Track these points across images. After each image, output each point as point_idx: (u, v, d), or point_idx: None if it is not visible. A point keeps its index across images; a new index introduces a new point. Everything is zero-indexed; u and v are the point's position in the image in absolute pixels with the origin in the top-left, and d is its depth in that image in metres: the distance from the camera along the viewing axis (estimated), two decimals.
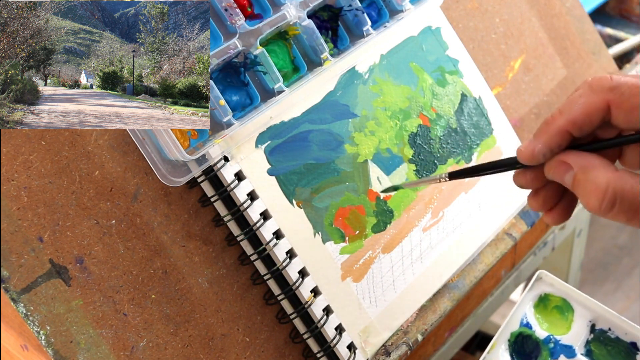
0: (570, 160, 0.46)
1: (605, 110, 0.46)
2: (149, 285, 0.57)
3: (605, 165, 0.45)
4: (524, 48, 0.83)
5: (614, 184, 0.44)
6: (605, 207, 0.44)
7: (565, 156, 0.47)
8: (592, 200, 0.45)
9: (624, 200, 0.44)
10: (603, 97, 0.45)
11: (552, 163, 0.47)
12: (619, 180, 0.44)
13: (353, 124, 0.66)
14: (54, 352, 0.53)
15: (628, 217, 0.44)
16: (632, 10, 1.36)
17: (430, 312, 0.69)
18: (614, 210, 0.44)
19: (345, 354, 0.63)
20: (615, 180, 0.44)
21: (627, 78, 0.45)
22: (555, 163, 0.47)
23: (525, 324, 0.68)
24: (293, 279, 0.61)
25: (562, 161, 0.47)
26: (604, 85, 0.46)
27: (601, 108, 0.46)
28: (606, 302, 0.70)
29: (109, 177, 0.56)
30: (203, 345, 0.59)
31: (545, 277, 0.69)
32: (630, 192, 0.43)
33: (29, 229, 0.53)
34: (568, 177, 0.46)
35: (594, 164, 0.45)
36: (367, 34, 0.65)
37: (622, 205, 0.44)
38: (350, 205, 0.65)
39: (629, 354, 0.67)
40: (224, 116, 0.57)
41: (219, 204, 0.59)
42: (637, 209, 0.44)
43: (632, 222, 0.44)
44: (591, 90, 0.46)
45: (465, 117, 0.73)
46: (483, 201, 0.74)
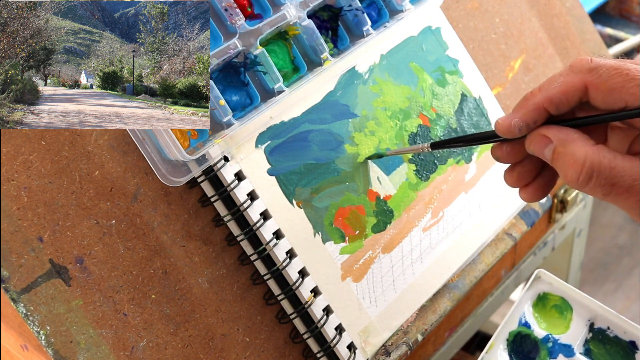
0: (550, 134, 0.47)
1: (583, 90, 0.47)
2: (149, 285, 0.57)
3: (584, 139, 0.46)
4: (524, 48, 0.83)
5: (592, 157, 0.45)
6: (582, 180, 0.45)
7: (546, 130, 0.48)
8: (570, 172, 0.45)
9: (600, 173, 0.44)
10: (582, 78, 0.46)
11: (533, 136, 0.48)
12: (597, 154, 0.45)
13: (353, 124, 0.66)
14: (54, 352, 0.53)
15: (604, 192, 0.45)
16: (632, 10, 1.36)
17: (430, 312, 0.69)
18: (590, 184, 0.45)
19: (345, 354, 0.63)
20: (592, 153, 0.45)
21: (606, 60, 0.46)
22: (536, 136, 0.48)
23: (524, 323, 0.68)
24: (293, 279, 0.61)
25: (543, 135, 0.48)
26: (583, 66, 0.47)
27: (579, 88, 0.47)
28: (606, 302, 0.70)
29: (109, 177, 0.56)
30: (203, 345, 0.59)
31: (544, 276, 0.69)
32: (607, 166, 0.44)
33: (29, 229, 0.53)
34: (548, 150, 0.47)
35: (573, 138, 0.46)
36: (367, 34, 0.65)
37: (599, 179, 0.45)
38: (350, 205, 0.65)
39: (628, 353, 0.67)
40: (224, 116, 0.57)
41: (219, 204, 0.59)
42: (613, 184, 0.44)
43: (609, 197, 0.45)
44: (571, 70, 0.47)
45: (465, 117, 0.73)
46: (483, 201, 0.74)
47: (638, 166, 0.44)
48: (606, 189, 0.45)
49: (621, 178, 0.44)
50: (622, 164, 0.44)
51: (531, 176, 0.52)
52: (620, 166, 0.44)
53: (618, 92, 0.45)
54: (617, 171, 0.44)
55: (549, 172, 0.52)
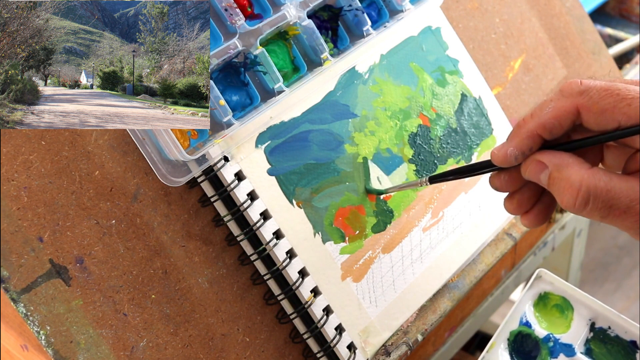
0: (545, 160, 0.47)
1: (575, 114, 0.47)
2: (149, 285, 0.57)
3: (579, 163, 0.46)
4: (524, 48, 0.83)
5: (587, 182, 0.45)
6: (579, 205, 0.45)
7: (541, 155, 0.48)
8: (566, 197, 0.45)
9: (597, 197, 0.44)
10: (572, 101, 0.46)
11: (528, 162, 0.48)
12: (592, 177, 0.45)
13: (353, 124, 0.66)
14: (54, 352, 0.53)
15: (602, 215, 0.45)
16: (632, 10, 1.36)
17: (430, 312, 0.69)
18: (588, 208, 0.45)
19: (345, 354, 0.63)
20: (588, 177, 0.45)
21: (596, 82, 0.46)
22: (531, 162, 0.48)
23: (525, 322, 0.68)
24: (293, 279, 0.61)
25: (538, 160, 0.48)
26: (573, 90, 0.47)
27: (571, 112, 0.47)
28: (606, 302, 0.70)
29: (109, 177, 0.56)
30: (203, 345, 0.59)
31: (545, 275, 0.69)
32: (603, 189, 0.44)
33: (29, 229, 0.53)
34: (543, 176, 0.47)
35: (568, 162, 0.46)
36: (367, 34, 0.65)
37: (596, 203, 0.45)
38: (350, 205, 0.65)
39: (629, 352, 0.67)
40: (224, 116, 0.57)
41: (219, 204, 0.59)
42: (611, 206, 0.44)
43: (607, 219, 0.45)
44: (561, 95, 0.47)
45: (465, 117, 0.73)
46: (483, 201, 0.74)
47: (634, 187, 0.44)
48: (604, 212, 0.45)
49: (618, 200, 0.44)
50: (618, 186, 0.44)
51: (531, 203, 0.52)
52: (617, 188, 0.44)
53: (610, 113, 0.45)
54: (614, 193, 0.44)
55: (548, 197, 0.51)
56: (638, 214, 0.44)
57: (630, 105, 0.44)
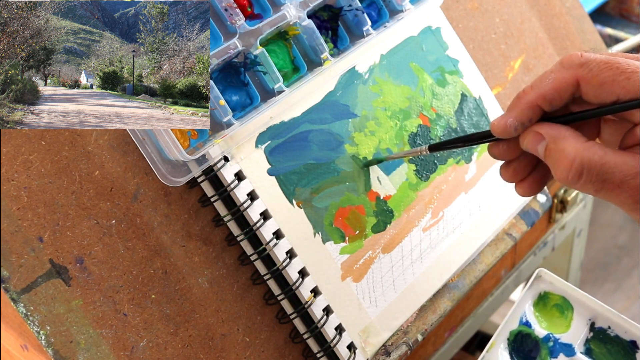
0: (543, 131, 0.48)
1: (575, 85, 0.47)
2: (149, 285, 0.57)
3: (576, 137, 0.46)
4: (524, 48, 0.83)
5: (582, 154, 0.45)
6: (573, 177, 0.45)
7: (539, 127, 0.48)
8: (561, 169, 0.46)
9: (591, 170, 0.45)
10: (573, 73, 0.47)
11: (527, 134, 0.49)
12: (587, 150, 0.45)
13: (353, 124, 0.66)
14: (54, 352, 0.53)
15: (595, 188, 0.45)
16: (632, 10, 1.36)
17: (430, 312, 0.69)
18: (581, 180, 0.45)
19: (345, 354, 0.63)
20: (583, 150, 0.45)
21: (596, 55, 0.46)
22: (529, 134, 0.49)
23: (525, 322, 0.68)
24: (293, 279, 0.61)
25: (536, 132, 0.48)
26: (573, 62, 0.47)
27: (571, 83, 0.47)
28: (606, 302, 0.70)
29: (109, 177, 0.56)
30: (203, 345, 0.59)
31: (545, 275, 0.69)
32: (598, 162, 0.44)
33: (29, 229, 0.53)
34: (540, 147, 0.48)
35: (565, 135, 0.46)
36: (367, 34, 0.65)
37: (590, 176, 0.45)
38: (350, 205, 0.65)
39: (629, 352, 0.67)
40: (224, 116, 0.57)
41: (219, 204, 0.59)
42: (604, 180, 0.45)
43: (600, 193, 0.45)
44: (562, 66, 0.48)
45: (465, 117, 0.73)
46: (483, 201, 0.74)
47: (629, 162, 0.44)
48: (597, 185, 0.45)
49: (612, 174, 0.44)
50: (613, 160, 0.44)
51: (526, 171, 0.52)
52: (612, 162, 0.44)
53: (609, 86, 0.45)
54: (608, 167, 0.44)
55: (543, 167, 0.52)
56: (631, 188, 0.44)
57: (630, 79, 0.44)
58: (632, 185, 0.44)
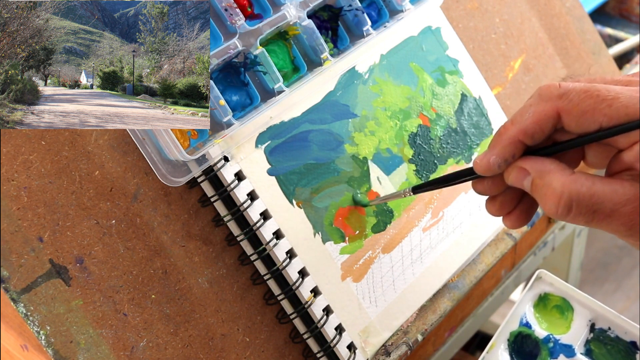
0: (527, 166, 0.47)
1: (556, 117, 0.46)
2: (149, 285, 0.57)
3: (561, 169, 0.45)
4: (524, 48, 0.83)
5: (569, 187, 0.44)
6: (562, 211, 0.44)
7: (523, 162, 0.47)
8: (549, 204, 0.45)
9: (580, 202, 0.44)
10: (552, 105, 0.46)
11: (511, 170, 0.48)
12: (574, 183, 0.44)
13: (353, 124, 0.66)
14: (54, 352, 0.53)
15: (586, 220, 0.44)
16: (632, 10, 1.36)
17: (430, 312, 0.69)
18: (571, 214, 0.44)
19: (345, 354, 0.63)
20: (570, 183, 0.44)
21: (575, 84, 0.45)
22: (514, 170, 0.48)
23: (525, 323, 0.68)
24: (293, 279, 0.61)
25: (520, 167, 0.47)
26: (552, 93, 0.46)
27: (551, 116, 0.46)
28: (606, 302, 0.70)
29: (109, 177, 0.56)
30: (203, 345, 0.59)
31: (545, 276, 0.69)
32: (586, 194, 0.44)
33: (29, 229, 0.53)
34: (527, 182, 0.47)
35: (550, 169, 0.46)
36: (367, 34, 0.65)
37: (579, 208, 0.44)
38: (350, 205, 0.65)
39: (629, 353, 0.67)
40: (224, 116, 0.57)
41: (219, 204, 0.59)
42: (595, 211, 0.44)
43: (592, 223, 0.44)
44: (540, 99, 0.47)
45: (465, 117, 0.73)
46: (483, 201, 0.73)
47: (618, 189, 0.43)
48: (588, 217, 0.44)
49: (602, 204, 0.43)
50: (601, 190, 0.43)
51: (513, 204, 0.51)
52: (600, 192, 0.43)
53: (591, 115, 0.44)
54: (597, 198, 0.43)
55: (530, 198, 0.51)
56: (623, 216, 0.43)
57: (611, 106, 0.43)
58: (623, 213, 0.43)
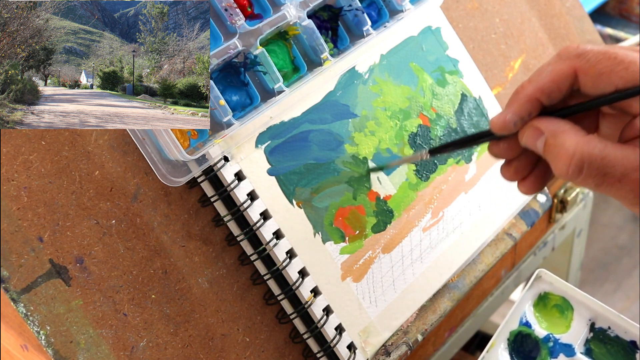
0: (542, 126, 0.47)
1: (573, 76, 0.46)
2: (149, 285, 0.57)
3: (575, 131, 0.45)
4: (524, 48, 0.83)
5: (582, 148, 0.44)
6: (573, 172, 0.44)
7: (538, 122, 0.47)
8: (560, 164, 0.45)
9: (591, 164, 0.44)
10: (570, 64, 0.46)
11: (526, 129, 0.48)
12: (587, 144, 0.44)
13: (353, 124, 0.66)
14: (54, 352, 0.53)
15: (596, 183, 0.44)
16: (632, 10, 1.36)
17: (430, 312, 0.69)
18: (582, 175, 0.44)
19: (345, 354, 0.63)
20: (583, 144, 0.44)
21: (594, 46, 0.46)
22: (528, 129, 0.48)
23: (525, 322, 0.68)
24: (293, 279, 0.61)
25: (535, 127, 0.47)
26: (571, 53, 0.46)
27: (568, 74, 0.46)
28: (606, 302, 0.70)
29: (109, 177, 0.56)
30: (203, 345, 0.59)
31: (545, 275, 0.69)
32: (598, 156, 0.44)
33: (29, 229, 0.53)
34: (540, 142, 0.47)
35: (564, 129, 0.46)
36: (367, 34, 0.65)
37: (590, 170, 0.44)
38: (350, 205, 0.65)
39: (629, 352, 0.67)
40: (224, 116, 0.57)
41: (219, 204, 0.59)
42: (605, 174, 0.44)
43: (601, 187, 0.45)
44: (559, 58, 0.47)
45: (465, 117, 0.73)
46: (483, 201, 0.74)
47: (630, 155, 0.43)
48: (598, 180, 0.44)
49: (613, 168, 0.43)
50: (613, 154, 0.44)
51: (528, 169, 0.51)
52: (612, 156, 0.44)
53: (607, 76, 0.44)
54: (609, 161, 0.43)
55: (544, 164, 0.51)
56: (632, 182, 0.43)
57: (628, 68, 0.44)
58: (633, 179, 0.43)
